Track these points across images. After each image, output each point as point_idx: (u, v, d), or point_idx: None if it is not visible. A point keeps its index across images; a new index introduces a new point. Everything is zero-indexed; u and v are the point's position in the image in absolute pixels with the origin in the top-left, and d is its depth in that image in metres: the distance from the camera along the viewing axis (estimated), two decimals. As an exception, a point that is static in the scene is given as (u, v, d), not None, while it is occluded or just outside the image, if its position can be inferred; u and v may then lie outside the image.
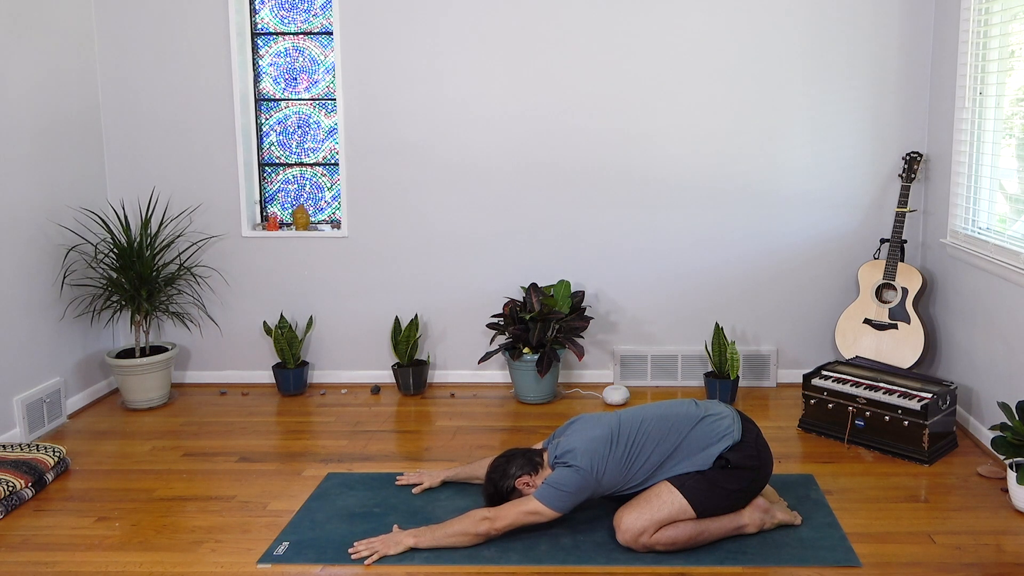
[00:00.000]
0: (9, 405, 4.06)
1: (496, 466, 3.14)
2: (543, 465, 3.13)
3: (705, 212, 4.71)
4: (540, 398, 4.58)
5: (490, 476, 3.14)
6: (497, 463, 3.14)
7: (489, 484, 3.14)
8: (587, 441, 3.03)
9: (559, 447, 3.10)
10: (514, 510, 2.98)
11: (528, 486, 3.08)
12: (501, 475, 3.10)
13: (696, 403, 3.18)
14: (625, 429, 3.07)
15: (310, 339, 4.95)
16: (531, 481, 3.08)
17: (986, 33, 3.99)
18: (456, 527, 3.00)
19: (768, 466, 3.11)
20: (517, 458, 3.14)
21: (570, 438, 3.10)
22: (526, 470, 3.09)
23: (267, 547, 3.07)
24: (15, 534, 3.22)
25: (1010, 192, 3.90)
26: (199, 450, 4.01)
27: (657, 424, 3.07)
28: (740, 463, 3.00)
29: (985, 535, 3.09)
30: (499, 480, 3.11)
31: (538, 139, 4.69)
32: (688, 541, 2.96)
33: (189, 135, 4.78)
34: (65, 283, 4.47)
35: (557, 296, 4.63)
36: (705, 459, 3.00)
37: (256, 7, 4.84)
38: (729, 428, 3.06)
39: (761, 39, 4.56)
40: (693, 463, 3.00)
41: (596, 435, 3.06)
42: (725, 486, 2.98)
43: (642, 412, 3.15)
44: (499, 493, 3.11)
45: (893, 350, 4.33)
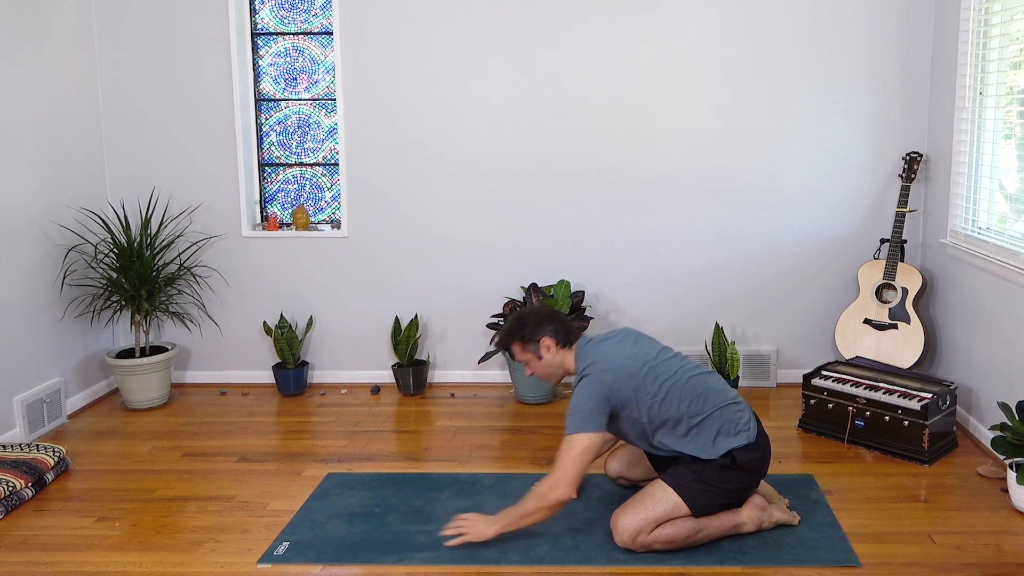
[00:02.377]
0: (9, 405, 4.06)
1: (537, 309, 3.09)
2: (571, 349, 3.05)
3: (705, 212, 4.71)
4: (540, 398, 4.58)
5: (523, 313, 3.08)
6: (541, 307, 3.05)
7: (516, 319, 3.08)
8: (615, 357, 2.96)
9: (588, 355, 3.00)
10: (567, 461, 2.85)
11: (548, 351, 3.03)
12: (535, 321, 3.04)
13: (724, 382, 3.13)
14: (660, 368, 2.99)
15: (310, 339, 4.95)
16: (552, 349, 3.02)
17: (986, 33, 3.99)
18: (527, 507, 2.91)
19: (766, 468, 3.11)
20: (560, 321, 3.05)
21: (602, 347, 3.02)
22: (558, 337, 3.03)
23: (267, 547, 3.07)
24: (15, 534, 3.22)
25: (1010, 192, 3.90)
26: (199, 450, 4.01)
27: (691, 384, 2.99)
28: (745, 465, 2.99)
29: (985, 535, 3.09)
30: (529, 321, 3.04)
31: (538, 139, 4.69)
32: (686, 539, 2.95)
33: (189, 135, 4.78)
34: (65, 283, 4.47)
35: (557, 296, 4.63)
36: (714, 449, 2.97)
37: (256, 7, 4.84)
38: (747, 424, 3.03)
39: (761, 39, 4.56)
40: (702, 448, 2.97)
41: (627, 354, 2.99)
42: (721, 485, 2.97)
43: (680, 362, 3.06)
44: (517, 333, 3.05)
45: (893, 350, 4.33)
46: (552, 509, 2.90)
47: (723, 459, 2.98)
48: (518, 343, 3.09)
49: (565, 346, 3.06)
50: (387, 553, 3.01)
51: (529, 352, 3.08)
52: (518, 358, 3.13)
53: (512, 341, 3.09)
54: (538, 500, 2.89)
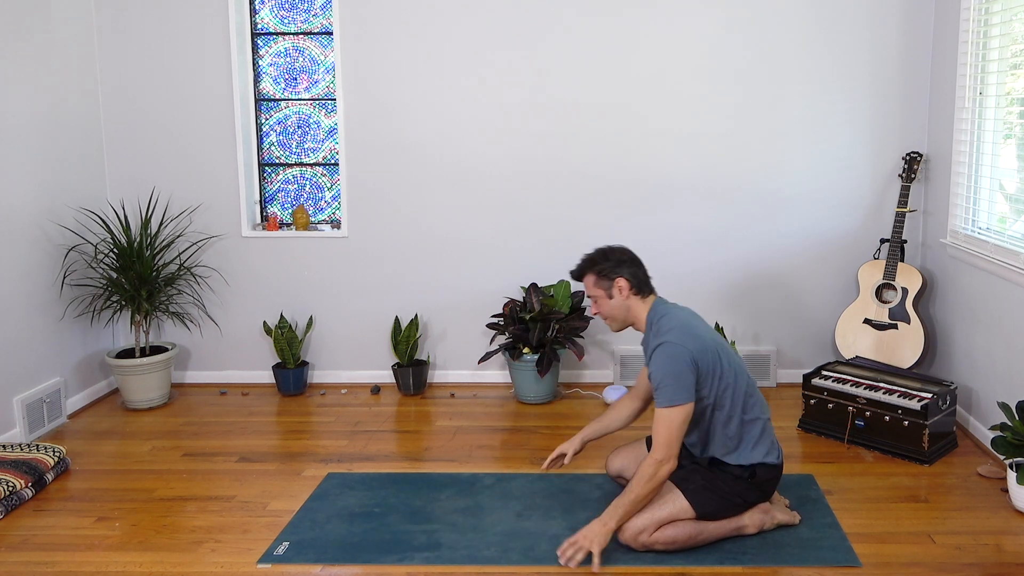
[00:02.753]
0: (9, 405, 4.06)
1: (622, 249, 3.08)
2: (643, 300, 3.03)
3: (705, 212, 4.71)
4: (540, 398, 4.58)
5: (607, 248, 3.07)
6: (625, 250, 3.08)
7: (600, 251, 3.06)
8: (696, 327, 2.95)
9: (667, 319, 2.97)
10: (668, 436, 2.82)
11: (620, 292, 3.00)
12: (617, 259, 3.03)
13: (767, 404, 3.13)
14: (730, 353, 3.00)
15: (310, 339, 4.95)
16: (624, 292, 3.00)
17: (986, 33, 3.99)
18: (640, 491, 2.84)
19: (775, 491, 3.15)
20: (640, 268, 3.05)
21: (681, 314, 3.01)
22: (633, 283, 3.01)
23: (267, 547, 3.07)
24: (15, 534, 3.22)
25: (1010, 192, 3.90)
26: (199, 450, 4.01)
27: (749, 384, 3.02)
28: (761, 483, 3.01)
29: (985, 535, 3.09)
30: (611, 257, 3.03)
31: (538, 139, 4.69)
32: (688, 541, 2.95)
33: (189, 135, 4.78)
34: (65, 283, 4.47)
35: (557, 296, 4.63)
36: (747, 456, 2.98)
37: (256, 7, 4.84)
38: (777, 446, 3.07)
39: (761, 39, 4.56)
40: (738, 449, 2.98)
41: (704, 328, 3.00)
42: (730, 496, 2.98)
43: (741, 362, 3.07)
44: (596, 264, 3.02)
45: (893, 350, 4.33)
46: (661, 482, 2.86)
47: (742, 471, 2.98)
48: (593, 274, 3.05)
49: (638, 294, 3.03)
50: (387, 553, 3.01)
51: (600, 288, 3.04)
52: (588, 292, 3.08)
53: (589, 271, 3.05)
54: (649, 481, 2.83)
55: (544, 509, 3.32)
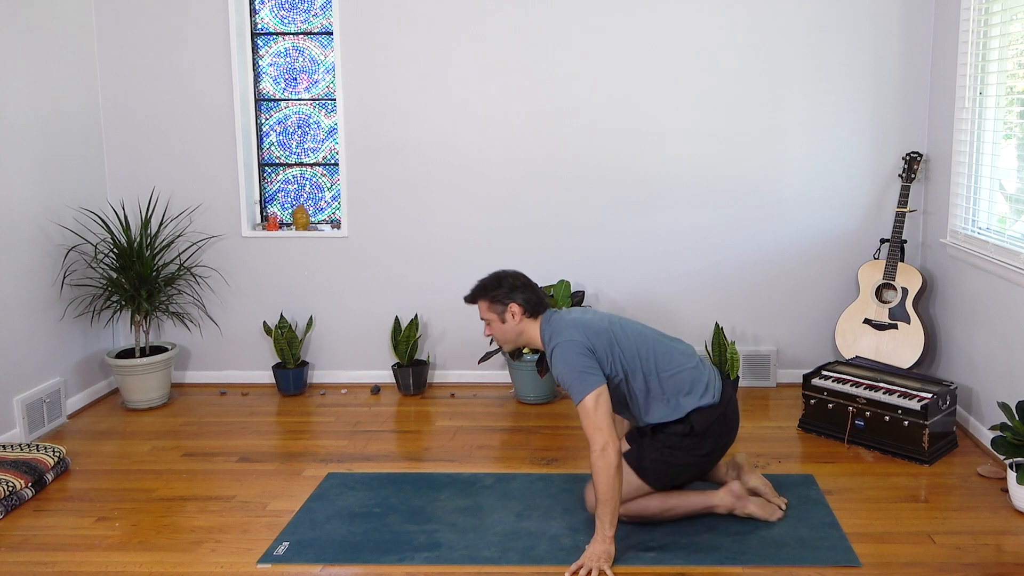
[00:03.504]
0: (9, 405, 4.06)
1: (516, 275, 3.14)
2: (535, 320, 3.08)
3: (705, 212, 4.71)
4: (540, 398, 4.58)
5: (502, 274, 3.14)
6: (519, 275, 3.14)
7: (494, 277, 3.14)
8: (579, 320, 3.04)
9: (553, 328, 3.04)
10: (591, 423, 2.84)
11: (512, 317, 3.07)
12: (510, 285, 3.09)
13: (688, 346, 3.20)
14: (627, 324, 3.08)
15: (310, 339, 4.95)
16: (517, 316, 3.06)
17: (986, 33, 3.99)
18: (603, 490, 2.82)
19: (731, 434, 3.14)
20: (533, 292, 3.10)
21: (566, 317, 3.07)
22: (526, 307, 3.06)
23: (267, 547, 3.07)
24: (15, 534, 3.22)
25: (1010, 192, 3.90)
26: (199, 450, 4.01)
27: (660, 343, 3.08)
28: (704, 429, 3.02)
29: (985, 535, 3.09)
30: (504, 284, 3.09)
31: (538, 139, 4.69)
32: (657, 514, 3.07)
33: (189, 135, 4.78)
34: (65, 283, 4.47)
35: (557, 296, 4.63)
36: (678, 409, 3.02)
37: (256, 7, 4.84)
38: (710, 386, 3.07)
39: (761, 39, 4.55)
40: (668, 408, 3.02)
41: (589, 316, 3.07)
42: (682, 460, 3.03)
43: (643, 325, 3.15)
44: (490, 291, 3.10)
45: (893, 350, 4.33)
46: (618, 467, 2.82)
47: (680, 426, 3.01)
48: (486, 300, 3.12)
49: (531, 317, 3.08)
50: (387, 553, 3.01)
51: (494, 313, 3.11)
52: (482, 315, 3.15)
53: (482, 297, 3.13)
54: (602, 473, 2.81)
55: (544, 509, 3.32)
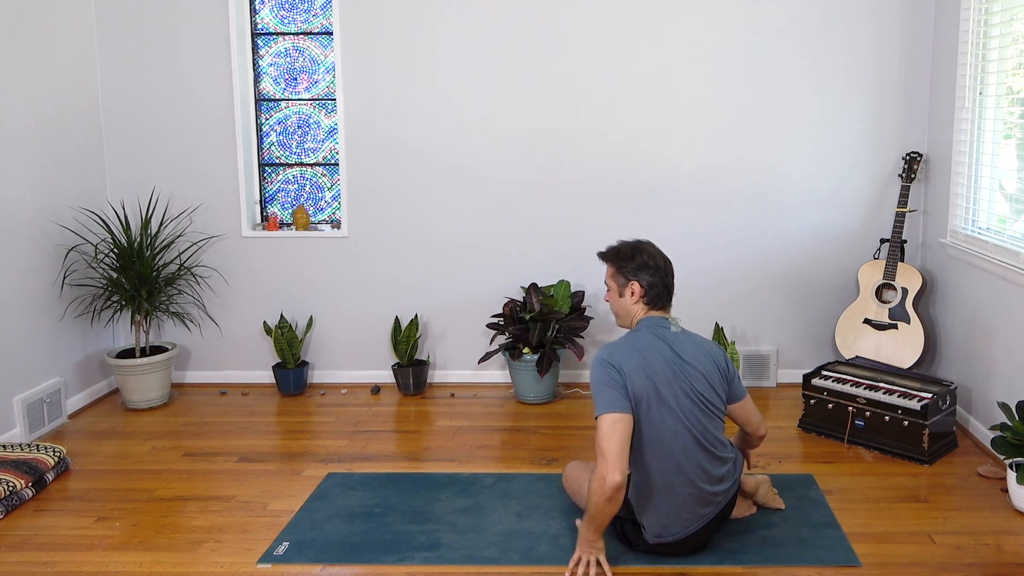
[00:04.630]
0: (9, 405, 4.06)
1: (655, 255, 2.97)
2: (647, 311, 2.91)
3: (705, 212, 4.71)
4: (540, 398, 4.57)
5: (642, 247, 2.98)
6: (660, 257, 2.98)
7: (633, 248, 2.98)
8: (635, 346, 2.81)
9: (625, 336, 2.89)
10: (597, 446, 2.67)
11: (631, 295, 2.91)
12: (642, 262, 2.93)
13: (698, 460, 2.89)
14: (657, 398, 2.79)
15: (310, 339, 4.95)
16: (635, 296, 2.90)
17: (986, 33, 3.99)
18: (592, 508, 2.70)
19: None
20: (663, 281, 2.92)
21: (640, 335, 2.87)
22: (647, 293, 2.90)
23: (267, 547, 3.07)
24: (15, 534, 3.22)
25: (1010, 192, 3.90)
26: (199, 450, 4.01)
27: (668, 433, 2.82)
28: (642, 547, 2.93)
29: (985, 535, 3.09)
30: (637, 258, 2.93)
31: (538, 139, 4.69)
32: (573, 493, 3.18)
33: (189, 135, 4.78)
34: (65, 283, 4.47)
35: (557, 296, 4.63)
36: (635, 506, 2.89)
37: (256, 7, 4.84)
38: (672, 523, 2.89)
39: (761, 40, 4.55)
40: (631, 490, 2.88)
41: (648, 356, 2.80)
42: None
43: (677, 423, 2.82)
44: (621, 259, 2.95)
45: (893, 350, 4.33)
46: (612, 499, 2.64)
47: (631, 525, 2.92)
48: (614, 267, 2.98)
49: (647, 304, 2.93)
50: (387, 553, 3.01)
51: (615, 282, 2.97)
52: (606, 279, 3.02)
53: (612, 261, 2.98)
54: (595, 496, 2.67)
55: (544, 509, 3.32)
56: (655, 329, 2.89)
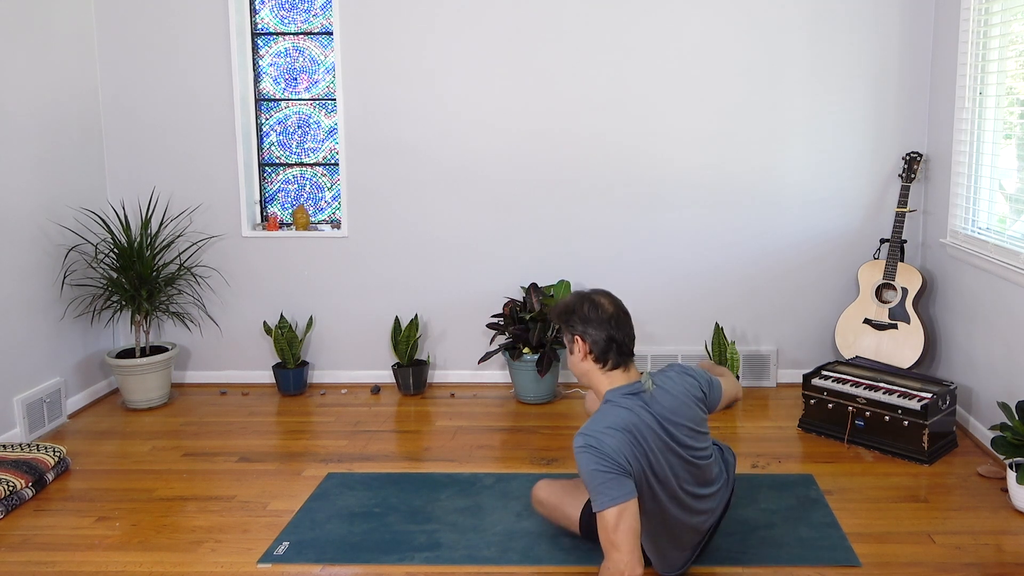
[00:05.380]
0: (9, 405, 4.06)
1: (602, 305, 2.63)
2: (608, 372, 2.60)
3: (705, 212, 4.71)
4: (540, 398, 4.57)
5: (585, 296, 2.65)
6: (611, 305, 2.64)
7: (575, 297, 2.66)
8: (622, 422, 2.51)
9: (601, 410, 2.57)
10: (603, 542, 2.45)
11: (578, 352, 2.61)
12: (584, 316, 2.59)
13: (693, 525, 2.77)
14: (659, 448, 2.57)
15: (310, 339, 4.95)
16: (581, 354, 2.60)
17: (986, 33, 3.99)
18: None
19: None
20: (614, 331, 2.58)
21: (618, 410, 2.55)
22: (594, 350, 2.57)
23: (267, 547, 3.07)
24: (15, 534, 3.22)
25: (1010, 192, 3.90)
26: (199, 450, 4.01)
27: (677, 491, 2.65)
28: None
29: (985, 535, 3.09)
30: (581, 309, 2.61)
31: (538, 139, 4.69)
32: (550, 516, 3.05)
33: (189, 135, 4.78)
34: (65, 283, 4.47)
35: (557, 296, 4.63)
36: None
37: (256, 7, 4.84)
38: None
39: (761, 39, 4.55)
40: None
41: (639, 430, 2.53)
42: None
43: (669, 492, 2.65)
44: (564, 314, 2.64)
45: (893, 350, 4.33)
46: None
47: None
48: (560, 323, 2.71)
49: (599, 363, 2.62)
50: (387, 553, 3.01)
51: (566, 340, 2.71)
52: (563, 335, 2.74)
53: (556, 317, 2.72)
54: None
55: (544, 509, 3.32)
56: (632, 399, 2.59)
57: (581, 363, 2.65)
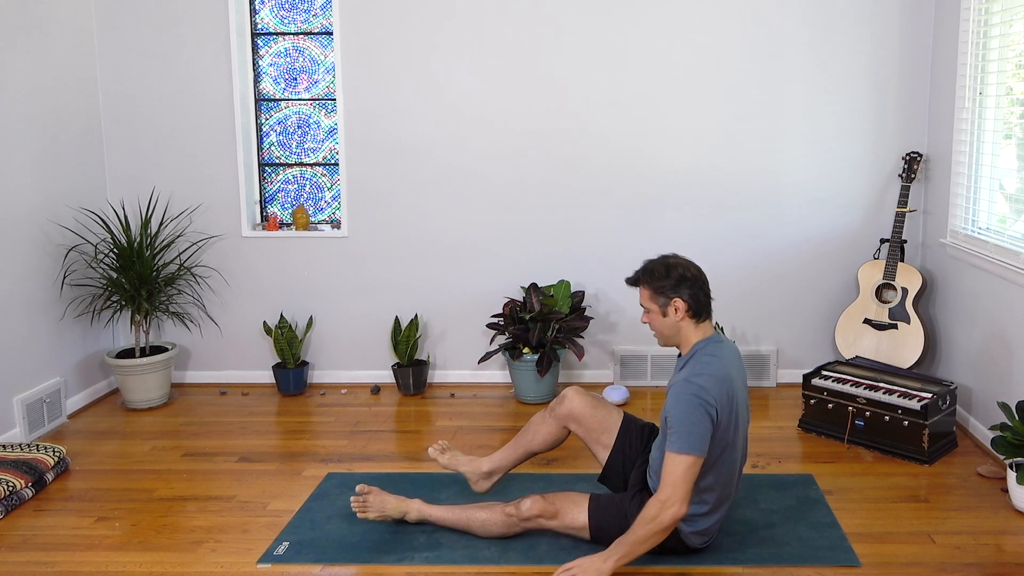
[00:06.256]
0: (9, 405, 4.06)
1: (688, 266, 2.83)
2: (697, 325, 2.81)
3: (705, 212, 4.71)
4: (540, 398, 4.57)
5: (674, 263, 2.83)
6: (693, 267, 2.84)
7: (664, 265, 2.82)
8: (727, 379, 2.75)
9: (703, 361, 2.76)
10: (675, 480, 2.64)
11: (675, 312, 2.79)
12: (679, 277, 2.78)
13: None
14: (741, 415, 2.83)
15: (310, 339, 4.95)
16: (679, 313, 2.78)
17: (986, 33, 3.99)
18: (640, 533, 2.67)
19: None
20: (701, 288, 2.81)
21: (721, 359, 2.77)
22: (691, 306, 2.78)
23: (267, 547, 3.07)
24: (15, 534, 3.22)
25: (1010, 192, 3.90)
26: (199, 450, 4.01)
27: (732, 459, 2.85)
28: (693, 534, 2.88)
29: (985, 535, 3.09)
30: (671, 274, 2.79)
31: (538, 139, 4.69)
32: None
33: (189, 135, 4.78)
34: (65, 283, 4.47)
35: (557, 296, 4.63)
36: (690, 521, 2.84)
37: (256, 7, 4.84)
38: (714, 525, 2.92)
39: (761, 39, 4.56)
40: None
41: (736, 384, 2.79)
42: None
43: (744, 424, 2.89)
44: (657, 279, 2.80)
45: (893, 350, 4.33)
46: (668, 531, 2.67)
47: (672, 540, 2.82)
48: (650, 289, 2.83)
49: (694, 318, 2.82)
50: (387, 553, 3.01)
51: (655, 304, 2.83)
52: (642, 302, 2.88)
53: (647, 283, 2.84)
54: (652, 524, 2.65)
55: (544, 509, 3.32)
56: (719, 347, 2.83)
57: (679, 323, 2.84)
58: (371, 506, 3.13)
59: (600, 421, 3.16)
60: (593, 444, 3.19)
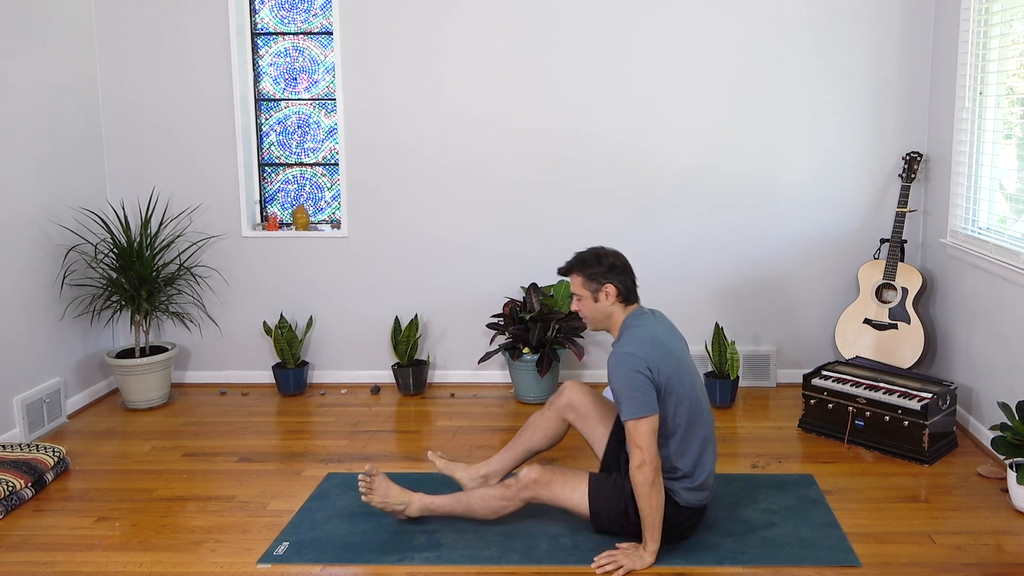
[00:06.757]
0: (9, 405, 4.06)
1: (616, 255, 3.05)
2: (625, 309, 3.01)
3: (705, 212, 4.71)
4: (540, 398, 4.57)
5: (602, 252, 3.04)
6: (619, 256, 3.05)
7: (594, 254, 3.03)
8: (656, 339, 2.92)
9: (630, 332, 2.95)
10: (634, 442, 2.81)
11: (606, 298, 2.98)
12: (609, 264, 2.99)
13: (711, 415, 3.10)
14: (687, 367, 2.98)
15: (310, 339, 4.95)
16: (611, 299, 2.98)
17: (986, 33, 3.99)
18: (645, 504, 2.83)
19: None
20: (629, 275, 3.02)
21: (646, 327, 2.96)
22: (621, 291, 2.98)
23: (267, 547, 3.07)
24: (15, 534, 3.22)
25: (1010, 192, 3.90)
26: (199, 450, 4.01)
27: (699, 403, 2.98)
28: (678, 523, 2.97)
29: (985, 535, 3.09)
30: (602, 261, 2.99)
31: (538, 139, 4.69)
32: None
33: (189, 135, 4.78)
34: (65, 283, 4.47)
35: (557, 296, 4.63)
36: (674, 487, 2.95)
37: (256, 7, 4.84)
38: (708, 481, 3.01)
39: (761, 39, 4.56)
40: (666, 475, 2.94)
41: (668, 342, 2.96)
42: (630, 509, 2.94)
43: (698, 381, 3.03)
44: (588, 266, 2.99)
45: (893, 350, 4.33)
46: (656, 484, 2.82)
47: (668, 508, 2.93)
48: (582, 276, 3.01)
49: (623, 302, 3.01)
50: (387, 553, 3.01)
51: (587, 290, 3.01)
52: (574, 290, 3.05)
53: (579, 271, 3.02)
54: (641, 488, 2.82)
55: (544, 509, 3.31)
56: (646, 316, 3.05)
57: (609, 307, 3.02)
58: (376, 490, 3.17)
59: (598, 410, 3.25)
60: (590, 435, 3.26)
